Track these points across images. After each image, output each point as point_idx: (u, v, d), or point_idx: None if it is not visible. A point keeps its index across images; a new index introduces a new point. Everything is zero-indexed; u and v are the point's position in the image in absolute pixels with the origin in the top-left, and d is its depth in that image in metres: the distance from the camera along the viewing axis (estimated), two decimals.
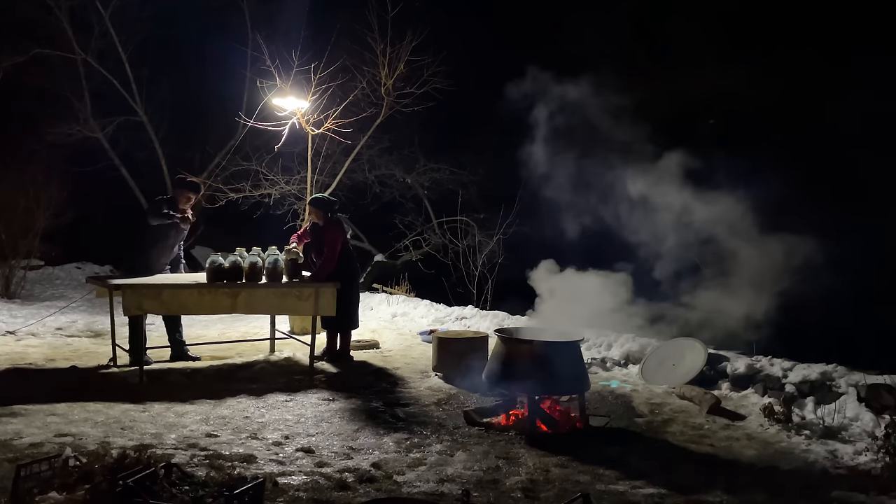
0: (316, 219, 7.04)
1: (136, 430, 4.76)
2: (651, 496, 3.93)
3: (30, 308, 10.36)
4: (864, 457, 4.56)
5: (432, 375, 6.71)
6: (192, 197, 7.11)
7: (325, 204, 7.06)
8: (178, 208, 6.96)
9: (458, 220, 13.51)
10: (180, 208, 6.98)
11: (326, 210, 7.01)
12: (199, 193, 7.17)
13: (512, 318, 8.47)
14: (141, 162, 15.00)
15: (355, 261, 7.23)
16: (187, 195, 7.06)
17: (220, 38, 13.77)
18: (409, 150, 14.35)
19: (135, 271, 6.82)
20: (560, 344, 5.36)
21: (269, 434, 4.81)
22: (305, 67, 10.36)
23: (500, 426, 5.14)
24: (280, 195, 13.15)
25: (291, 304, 6.66)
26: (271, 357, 7.22)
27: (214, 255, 6.51)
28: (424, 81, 11.60)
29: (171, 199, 7.04)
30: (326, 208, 7.02)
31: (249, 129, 12.39)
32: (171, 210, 6.89)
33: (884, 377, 5.43)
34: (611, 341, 7.50)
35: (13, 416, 4.93)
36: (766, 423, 5.28)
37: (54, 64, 13.46)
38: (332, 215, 7.03)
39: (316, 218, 7.04)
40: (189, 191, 7.08)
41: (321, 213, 6.99)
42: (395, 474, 4.12)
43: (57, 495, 3.10)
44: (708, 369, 6.37)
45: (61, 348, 7.64)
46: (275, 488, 3.80)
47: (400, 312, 10.32)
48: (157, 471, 3.19)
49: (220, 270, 6.38)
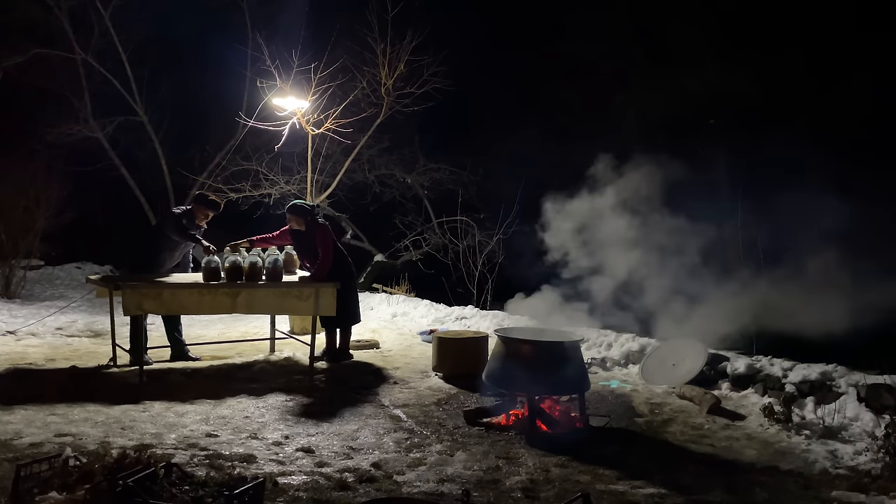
0: (296, 225, 7.07)
1: (136, 430, 4.76)
2: (651, 496, 3.93)
3: (30, 308, 10.36)
4: (864, 457, 4.56)
5: (432, 375, 6.71)
6: (210, 215, 7.13)
7: (304, 210, 7.08)
8: (194, 223, 7.00)
9: (458, 220, 13.51)
10: (196, 223, 7.02)
11: (306, 215, 7.03)
12: (218, 211, 7.17)
13: (512, 318, 8.47)
14: (141, 162, 15.00)
15: (348, 258, 7.24)
16: (206, 212, 7.07)
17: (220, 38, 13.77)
18: (409, 150, 14.36)
19: (141, 272, 6.83)
20: (560, 344, 5.36)
21: (269, 434, 4.81)
22: (305, 67, 10.38)
23: (500, 426, 5.14)
24: (280, 195, 13.16)
25: (291, 304, 6.66)
26: (271, 357, 7.22)
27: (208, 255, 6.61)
28: (424, 81, 11.61)
29: (189, 214, 7.03)
30: (306, 214, 7.05)
31: (249, 129, 12.40)
32: (188, 222, 6.93)
33: (884, 377, 5.42)
34: (611, 341, 7.50)
35: (13, 416, 4.94)
36: (766, 423, 5.28)
37: (54, 64, 13.45)
38: (311, 219, 7.05)
39: (296, 224, 7.06)
40: (209, 209, 7.08)
41: (301, 220, 7.02)
42: (395, 474, 4.12)
43: (57, 495, 3.10)
44: (708, 369, 6.37)
45: (61, 348, 7.64)
46: (275, 488, 3.80)
47: (400, 312, 10.32)
48: (157, 471, 3.19)
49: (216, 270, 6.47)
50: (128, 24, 13.66)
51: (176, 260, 7.13)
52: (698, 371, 6.31)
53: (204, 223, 7.10)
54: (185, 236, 6.89)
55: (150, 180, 14.80)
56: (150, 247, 7.04)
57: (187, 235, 6.89)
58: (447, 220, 13.84)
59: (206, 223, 7.15)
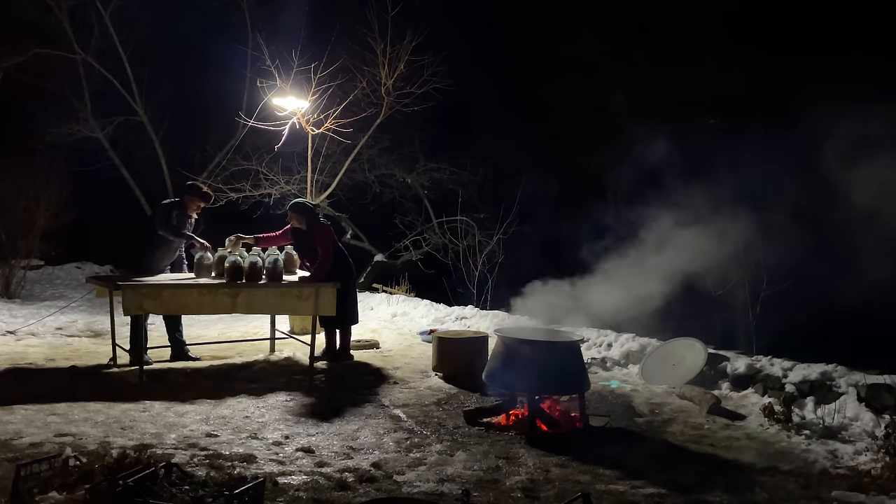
0: (297, 224, 7.07)
1: (136, 430, 4.76)
2: (651, 496, 3.93)
3: (30, 308, 10.36)
4: (864, 457, 4.56)
5: (432, 375, 6.71)
6: (202, 205, 7.14)
7: (305, 209, 7.09)
8: (186, 213, 7.00)
9: (458, 220, 13.50)
10: (188, 213, 7.02)
11: (307, 214, 7.04)
12: (209, 202, 7.22)
13: (512, 318, 8.47)
14: (141, 162, 15.00)
15: (348, 258, 7.24)
16: (198, 203, 7.09)
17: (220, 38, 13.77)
18: (409, 150, 14.36)
19: (138, 271, 6.82)
20: (560, 344, 5.36)
21: (269, 434, 4.81)
22: (305, 67, 10.38)
23: (500, 426, 5.14)
24: (280, 195, 13.15)
25: (291, 304, 6.66)
26: (271, 357, 7.22)
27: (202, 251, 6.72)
28: (424, 81, 11.60)
29: (181, 204, 7.03)
30: (307, 213, 7.05)
31: (249, 129, 12.40)
32: (179, 213, 6.93)
33: (884, 377, 5.42)
34: (611, 341, 7.50)
35: (13, 416, 4.94)
36: (766, 423, 5.28)
37: (54, 64, 13.45)
38: (312, 218, 7.05)
39: (297, 223, 7.06)
40: (200, 199, 7.10)
41: (303, 218, 7.02)
42: (395, 474, 4.12)
43: (57, 495, 3.10)
44: (708, 369, 6.37)
45: (61, 348, 7.64)
46: (275, 488, 3.80)
47: (400, 312, 10.32)
48: (157, 471, 3.19)
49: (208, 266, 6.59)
50: (128, 24, 13.66)
51: (173, 257, 7.13)
52: (698, 371, 6.31)
53: (195, 214, 7.10)
54: (176, 234, 6.89)
55: (150, 180, 14.79)
56: (144, 244, 7.01)
57: (178, 234, 6.89)
58: (447, 220, 13.84)
59: (198, 214, 7.15)
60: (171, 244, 7.02)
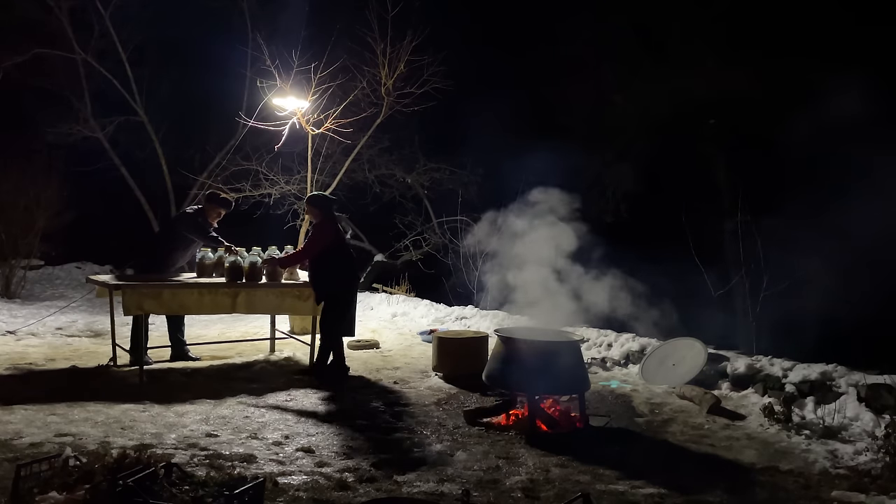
0: (312, 217, 6.78)
1: (136, 430, 4.76)
2: (651, 496, 3.93)
3: (30, 308, 10.36)
4: (864, 457, 4.56)
5: (432, 375, 6.71)
6: (223, 213, 7.13)
7: (322, 202, 6.73)
8: (207, 221, 7.01)
9: (458, 220, 13.50)
10: (209, 222, 7.03)
11: (323, 208, 6.65)
12: (230, 209, 7.17)
13: (512, 318, 8.46)
14: (141, 162, 14.97)
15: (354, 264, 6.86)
16: (218, 211, 7.08)
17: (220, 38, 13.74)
18: (409, 150, 14.35)
19: (152, 270, 6.84)
20: (560, 344, 5.36)
21: (269, 434, 4.81)
22: (305, 67, 10.36)
23: (500, 426, 5.14)
24: (280, 195, 13.15)
25: (291, 304, 6.67)
26: (271, 357, 7.22)
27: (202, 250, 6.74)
28: (424, 81, 11.60)
29: (202, 213, 7.04)
30: (323, 206, 6.67)
31: (249, 129, 12.39)
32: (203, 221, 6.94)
33: (884, 377, 5.42)
34: (611, 341, 7.50)
35: (13, 416, 4.93)
36: (766, 423, 5.28)
37: (54, 64, 13.43)
38: (324, 212, 6.65)
39: (313, 217, 6.76)
40: (221, 207, 7.09)
41: (317, 212, 6.62)
42: (395, 474, 4.12)
43: (57, 495, 3.10)
44: (708, 369, 6.37)
45: (61, 348, 7.64)
46: (275, 488, 3.80)
47: (400, 312, 10.32)
48: (157, 471, 3.19)
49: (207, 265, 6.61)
50: (128, 24, 13.64)
51: (188, 259, 7.15)
52: (698, 371, 6.31)
53: (216, 222, 7.09)
54: (205, 237, 6.90)
55: (150, 180, 14.78)
56: (164, 246, 7.06)
57: (208, 236, 6.90)
58: (447, 220, 13.84)
59: (218, 222, 7.14)
60: (187, 248, 7.04)
